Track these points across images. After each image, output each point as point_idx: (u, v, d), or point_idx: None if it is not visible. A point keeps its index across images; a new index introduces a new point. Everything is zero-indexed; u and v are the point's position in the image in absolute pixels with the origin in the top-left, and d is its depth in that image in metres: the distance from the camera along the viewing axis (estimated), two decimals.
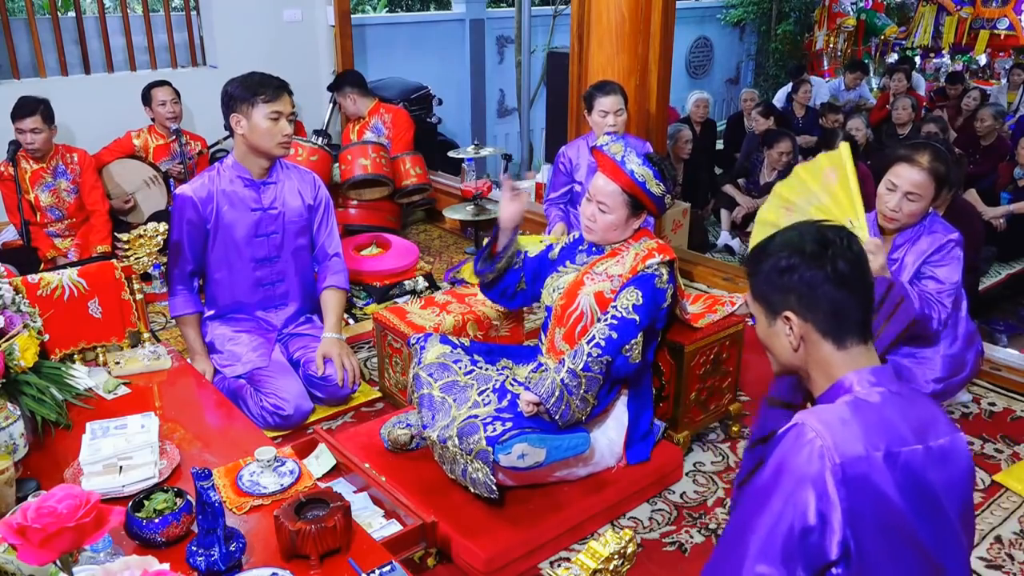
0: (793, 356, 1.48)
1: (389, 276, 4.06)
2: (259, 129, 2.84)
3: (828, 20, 9.83)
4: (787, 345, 1.47)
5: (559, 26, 8.55)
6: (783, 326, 1.46)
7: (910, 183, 2.59)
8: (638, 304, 2.36)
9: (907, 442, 1.33)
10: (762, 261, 1.48)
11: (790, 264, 1.43)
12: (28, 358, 2.01)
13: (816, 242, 1.43)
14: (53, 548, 1.24)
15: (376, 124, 4.95)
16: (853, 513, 1.28)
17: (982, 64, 9.22)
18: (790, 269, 1.43)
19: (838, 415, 1.35)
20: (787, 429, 1.37)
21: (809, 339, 1.44)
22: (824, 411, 1.37)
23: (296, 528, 1.63)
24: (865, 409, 1.36)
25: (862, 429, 1.32)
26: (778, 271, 1.44)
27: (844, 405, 1.37)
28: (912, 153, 2.61)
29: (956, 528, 1.38)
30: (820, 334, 1.43)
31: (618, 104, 3.67)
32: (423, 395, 2.45)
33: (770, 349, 1.54)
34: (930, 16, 9.47)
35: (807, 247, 1.43)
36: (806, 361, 1.47)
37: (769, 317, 1.49)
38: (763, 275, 1.48)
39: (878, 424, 1.34)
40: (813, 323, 1.43)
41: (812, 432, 1.31)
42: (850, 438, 1.30)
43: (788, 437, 1.35)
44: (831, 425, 1.32)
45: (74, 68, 5.25)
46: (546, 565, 2.31)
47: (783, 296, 1.45)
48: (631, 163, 2.41)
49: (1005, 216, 5.45)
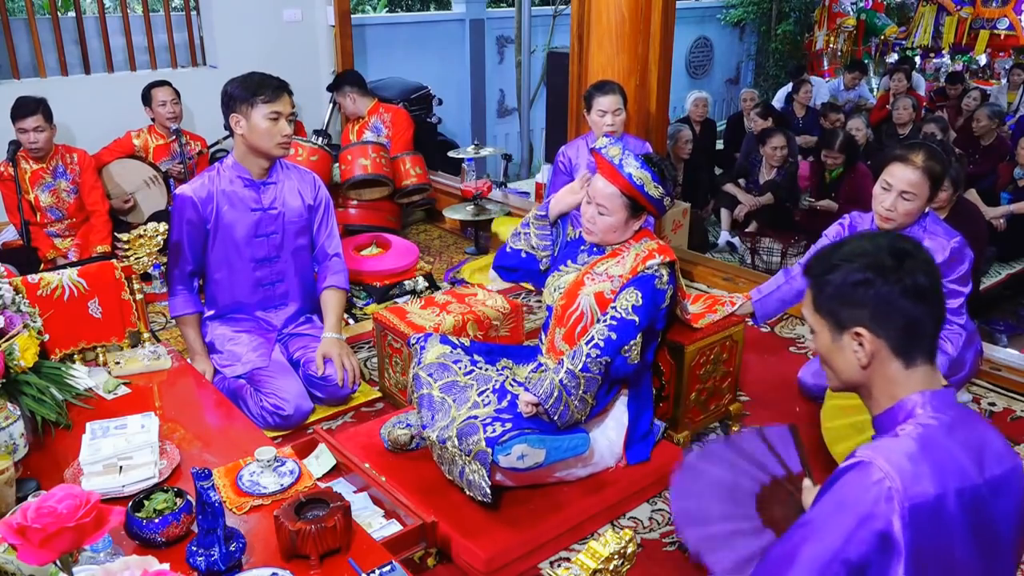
0: (858, 373, 1.40)
1: (389, 276, 4.06)
2: (258, 129, 2.85)
3: (828, 20, 9.84)
4: (853, 362, 1.40)
5: (559, 26, 8.55)
6: (851, 342, 1.39)
7: (905, 182, 2.60)
8: (637, 305, 2.36)
9: (972, 478, 1.28)
10: (830, 273, 1.40)
11: (865, 278, 1.35)
12: (28, 358, 2.01)
13: (892, 254, 1.35)
14: (53, 548, 1.24)
15: (375, 123, 4.95)
16: (917, 556, 1.23)
17: (982, 64, 9.22)
18: (865, 283, 1.35)
19: (905, 452, 1.28)
20: (851, 465, 1.30)
21: (879, 356, 1.37)
22: (890, 448, 1.30)
23: (296, 528, 1.63)
24: (932, 443, 1.29)
25: (931, 467, 1.26)
26: (851, 284, 1.36)
27: (910, 440, 1.30)
28: (907, 153, 2.62)
29: (1009, 558, 1.35)
30: (891, 351, 1.36)
31: (616, 104, 3.67)
32: (423, 395, 2.45)
33: (831, 364, 1.46)
34: (930, 16, 9.47)
35: (884, 259, 1.35)
36: (870, 378, 1.40)
37: (835, 332, 1.41)
38: (832, 288, 1.39)
39: (946, 460, 1.28)
40: (886, 340, 1.36)
41: (880, 472, 1.25)
42: (920, 478, 1.24)
43: (852, 474, 1.28)
44: (900, 465, 1.25)
45: (74, 68, 5.25)
46: (546, 565, 2.30)
47: (855, 311, 1.37)
48: (629, 166, 2.41)
49: (1005, 216, 5.45)
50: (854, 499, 1.26)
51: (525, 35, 8.15)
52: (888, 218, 2.65)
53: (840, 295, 1.38)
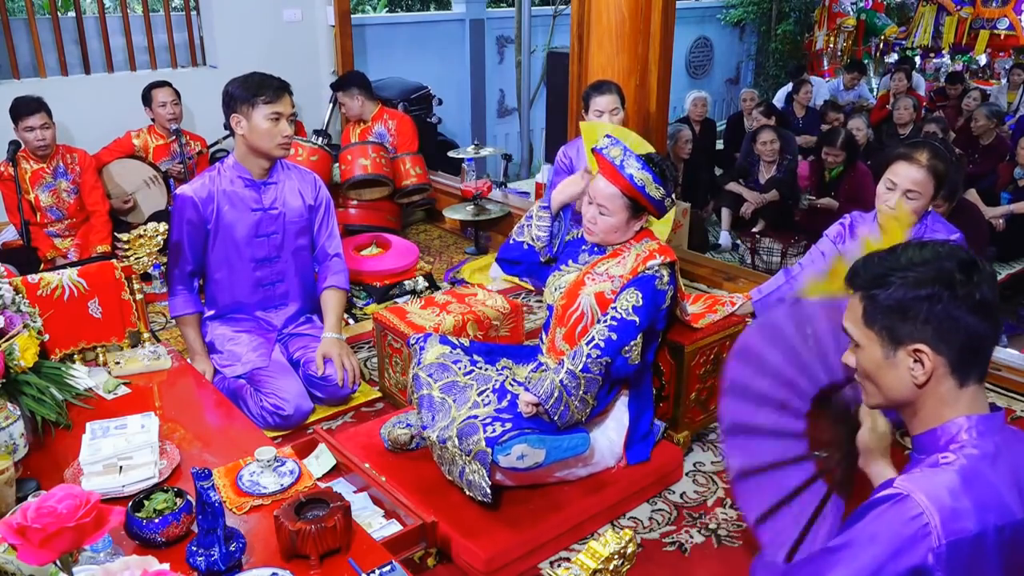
0: (910, 392, 1.32)
1: (389, 276, 4.06)
2: (259, 130, 2.85)
3: (828, 20, 9.84)
4: (907, 380, 1.31)
5: (559, 26, 8.55)
6: (907, 359, 1.30)
7: (909, 181, 2.59)
8: (638, 305, 2.35)
9: (1013, 514, 1.23)
10: (884, 284, 1.30)
11: (933, 292, 1.25)
12: (28, 358, 2.01)
13: (960, 266, 1.27)
14: (53, 548, 1.24)
15: (380, 130, 4.93)
16: None
17: (982, 64, 9.22)
18: (932, 298, 1.26)
19: (947, 486, 1.22)
20: (888, 496, 1.24)
21: (936, 375, 1.29)
22: (931, 481, 1.23)
23: (296, 528, 1.63)
24: (974, 476, 1.24)
25: (972, 503, 1.20)
26: (914, 299, 1.27)
27: (952, 472, 1.24)
28: (911, 151, 2.62)
29: None
30: (949, 370, 1.29)
31: (614, 103, 3.66)
32: (423, 396, 2.45)
33: (878, 381, 1.37)
34: (930, 16, 9.47)
35: (952, 272, 1.26)
36: (921, 397, 1.32)
37: (888, 348, 1.32)
38: (892, 301, 1.29)
39: (988, 496, 1.22)
40: (946, 357, 1.28)
41: (919, 507, 1.20)
42: (960, 515, 1.19)
43: (890, 506, 1.23)
44: (940, 500, 1.20)
45: (74, 68, 5.25)
46: (546, 565, 2.30)
47: (916, 327, 1.28)
48: (630, 167, 2.41)
49: (1005, 216, 5.45)
50: (890, 533, 1.21)
51: (525, 35, 8.15)
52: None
53: (901, 309, 1.29)
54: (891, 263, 1.32)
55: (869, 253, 1.40)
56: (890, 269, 1.32)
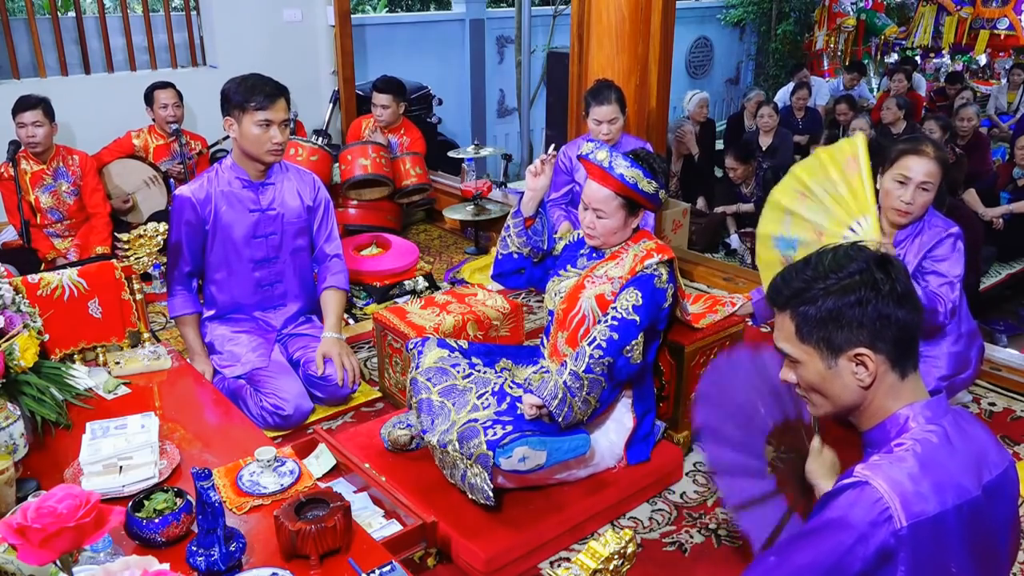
0: (858, 395, 1.34)
1: (389, 276, 4.06)
2: (248, 136, 2.85)
3: (828, 20, 9.83)
4: (853, 385, 1.33)
5: (559, 26, 8.55)
6: (848, 364, 1.32)
7: (923, 172, 2.58)
8: (638, 305, 2.36)
9: (970, 491, 1.26)
10: (809, 298, 1.32)
11: (861, 296, 1.28)
12: (28, 358, 2.01)
13: (877, 264, 1.29)
14: (53, 548, 1.24)
15: (392, 141, 4.93)
16: (915, 573, 1.21)
17: (982, 64, 9.22)
18: (861, 302, 1.28)
19: (905, 471, 1.24)
20: (849, 484, 1.27)
21: (879, 373, 1.31)
22: (890, 467, 1.26)
23: (296, 528, 1.63)
24: (931, 460, 1.26)
25: (931, 486, 1.23)
26: (846, 306, 1.29)
27: (910, 456, 1.26)
28: (917, 145, 2.63)
29: (1005, 563, 1.34)
30: (890, 365, 1.31)
31: (613, 113, 3.67)
32: (422, 400, 2.45)
33: (825, 392, 1.37)
34: (930, 16, 9.46)
35: (872, 271, 1.28)
36: (868, 397, 1.34)
37: (829, 358, 1.33)
38: (823, 313, 1.31)
39: (945, 477, 1.25)
40: (886, 355, 1.30)
41: (879, 493, 1.22)
42: (920, 497, 1.22)
43: (851, 493, 1.25)
44: (900, 485, 1.23)
45: (74, 68, 5.25)
46: (546, 565, 2.31)
47: (853, 332, 1.29)
48: (619, 167, 2.40)
49: (1004, 216, 5.44)
50: (852, 518, 1.23)
51: (525, 35, 8.15)
52: (906, 212, 2.63)
53: (834, 319, 1.30)
54: (810, 275, 1.33)
55: (785, 267, 1.41)
56: (811, 281, 1.33)
